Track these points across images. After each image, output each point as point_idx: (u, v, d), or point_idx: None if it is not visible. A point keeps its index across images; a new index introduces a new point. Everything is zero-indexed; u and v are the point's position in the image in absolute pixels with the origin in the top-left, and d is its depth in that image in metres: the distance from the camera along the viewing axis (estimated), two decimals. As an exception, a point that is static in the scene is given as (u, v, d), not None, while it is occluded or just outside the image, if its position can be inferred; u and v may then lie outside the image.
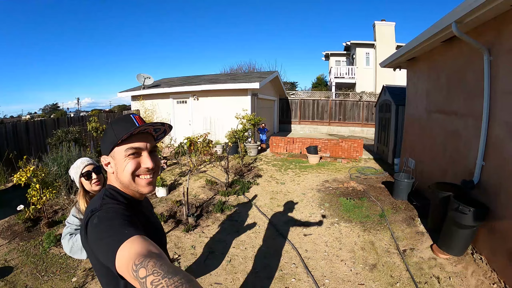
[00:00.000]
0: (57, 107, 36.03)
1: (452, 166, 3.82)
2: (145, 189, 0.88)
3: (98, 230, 0.72)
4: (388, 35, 17.79)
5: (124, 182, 0.87)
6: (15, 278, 2.69)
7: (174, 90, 10.12)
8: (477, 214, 2.79)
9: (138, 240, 0.65)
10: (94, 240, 0.72)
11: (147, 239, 0.66)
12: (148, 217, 0.97)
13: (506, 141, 2.71)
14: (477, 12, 2.68)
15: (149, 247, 0.63)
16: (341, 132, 15.12)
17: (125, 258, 0.61)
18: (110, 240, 0.67)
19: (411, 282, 2.63)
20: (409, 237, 3.46)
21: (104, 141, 0.89)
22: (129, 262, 0.59)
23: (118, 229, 0.69)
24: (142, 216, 0.92)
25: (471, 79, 3.39)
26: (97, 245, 0.71)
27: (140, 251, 0.61)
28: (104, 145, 0.88)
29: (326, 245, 3.32)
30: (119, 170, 0.86)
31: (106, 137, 0.88)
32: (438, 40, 3.80)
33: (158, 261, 0.57)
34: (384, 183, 5.64)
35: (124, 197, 0.88)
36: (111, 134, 0.85)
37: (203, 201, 4.69)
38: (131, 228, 0.69)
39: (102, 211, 0.77)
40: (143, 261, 0.57)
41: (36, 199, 3.63)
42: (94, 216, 0.76)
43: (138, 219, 0.84)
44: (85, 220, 0.78)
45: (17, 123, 6.58)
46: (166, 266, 0.55)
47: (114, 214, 0.75)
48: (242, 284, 2.62)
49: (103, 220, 0.73)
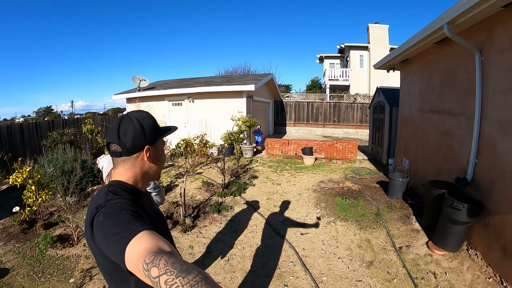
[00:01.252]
0: (51, 110, 35.51)
1: (445, 164, 3.89)
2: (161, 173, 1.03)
3: (104, 227, 0.70)
4: (381, 38, 18.05)
5: (159, 169, 0.98)
6: (11, 280, 2.66)
7: (170, 92, 10.10)
8: (471, 210, 2.85)
9: (146, 235, 0.63)
10: (101, 237, 0.71)
11: (155, 234, 0.65)
12: (150, 207, 0.99)
13: (498, 138, 2.78)
14: (468, 13, 2.77)
15: (158, 243, 0.61)
16: (335, 133, 15.24)
17: (135, 255, 0.59)
18: (118, 237, 0.65)
19: (408, 278, 2.66)
20: (404, 235, 3.51)
21: (148, 132, 0.90)
22: (139, 260, 0.57)
23: (125, 225, 0.68)
24: (147, 205, 0.95)
25: (463, 79, 3.48)
26: (104, 242, 0.69)
27: (150, 247, 0.59)
28: (146, 135, 0.90)
29: (323, 244, 3.34)
30: (161, 157, 0.97)
31: (149, 128, 0.90)
32: (430, 41, 3.89)
33: (169, 259, 0.55)
34: (379, 182, 5.71)
35: (129, 190, 0.88)
36: (156, 125, 0.94)
37: (200, 202, 4.68)
38: (138, 223, 0.68)
39: (107, 207, 0.76)
40: (154, 259, 0.55)
41: (32, 200, 3.59)
42: (99, 213, 0.74)
43: (143, 210, 0.85)
44: (90, 218, 0.76)
45: (12, 125, 6.49)
46: (178, 264, 0.54)
47: (119, 210, 0.74)
48: (241, 283, 2.63)
49: (108, 217, 0.72)
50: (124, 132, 0.86)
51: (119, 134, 0.86)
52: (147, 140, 0.89)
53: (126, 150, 0.87)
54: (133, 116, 0.89)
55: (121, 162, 0.89)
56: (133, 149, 0.88)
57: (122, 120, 0.89)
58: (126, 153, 0.88)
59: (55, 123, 7.34)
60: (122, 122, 0.88)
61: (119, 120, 0.89)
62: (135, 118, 0.89)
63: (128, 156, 0.88)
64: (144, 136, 0.88)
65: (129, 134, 0.86)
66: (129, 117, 0.89)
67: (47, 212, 4.18)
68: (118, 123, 0.88)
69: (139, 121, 0.89)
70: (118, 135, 0.86)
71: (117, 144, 0.87)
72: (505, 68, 2.67)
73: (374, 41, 18.17)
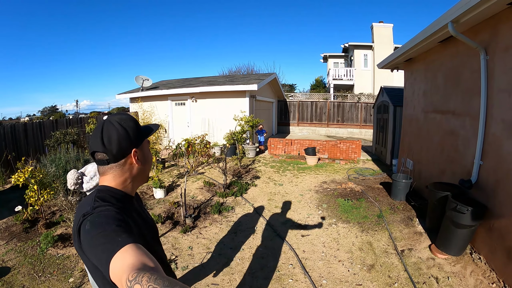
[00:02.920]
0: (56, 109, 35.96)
1: (450, 166, 3.82)
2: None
3: (90, 237, 0.69)
4: (386, 37, 17.87)
5: (148, 170, 0.96)
6: (12, 279, 2.68)
7: (173, 92, 10.12)
8: (475, 213, 2.78)
9: (131, 249, 0.63)
10: (87, 246, 0.70)
11: (140, 248, 0.65)
12: (140, 212, 0.96)
13: (503, 138, 2.70)
14: (473, 11, 2.70)
15: (142, 258, 0.61)
16: (339, 133, 15.13)
17: (119, 270, 0.59)
18: (103, 248, 0.65)
19: (409, 282, 2.61)
20: (407, 238, 3.45)
21: (132, 135, 0.86)
22: (122, 276, 0.57)
23: (111, 236, 0.67)
24: (135, 213, 0.91)
25: (467, 78, 3.40)
26: (90, 251, 0.69)
27: (133, 263, 0.59)
28: (132, 138, 0.86)
29: (323, 246, 3.30)
30: (148, 158, 0.95)
31: (133, 130, 0.87)
32: (434, 40, 3.81)
33: (152, 275, 0.55)
34: (382, 184, 5.63)
35: (119, 196, 0.86)
36: (138, 127, 0.90)
37: (201, 203, 4.67)
38: (124, 235, 0.67)
39: (93, 215, 0.74)
40: (137, 276, 0.55)
41: (34, 200, 3.61)
42: (86, 221, 0.73)
43: (131, 219, 0.83)
44: (77, 225, 0.75)
45: (16, 125, 6.54)
46: (161, 280, 0.53)
47: (105, 219, 0.73)
48: (239, 284, 2.60)
49: (95, 226, 0.71)
50: (108, 138, 0.83)
51: (103, 142, 0.82)
52: (133, 143, 0.87)
53: (113, 157, 0.84)
54: (114, 120, 0.85)
55: (109, 169, 0.86)
56: (120, 155, 0.85)
57: (103, 126, 0.84)
58: (113, 160, 0.85)
59: (59, 122, 7.39)
60: (104, 129, 0.83)
61: (100, 126, 0.84)
62: (116, 122, 0.85)
63: (115, 162, 0.85)
64: (130, 140, 0.85)
65: (114, 140, 0.83)
66: (110, 121, 0.85)
67: (49, 212, 4.21)
68: (100, 130, 0.84)
69: (122, 124, 0.85)
70: (102, 142, 0.82)
71: (103, 152, 0.83)
72: (510, 66, 2.60)
73: (378, 40, 18.01)
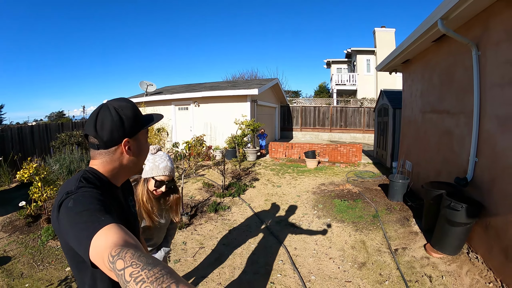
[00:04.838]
0: (63, 114, 36.44)
1: (446, 165, 3.78)
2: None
3: (72, 214, 0.67)
4: (388, 42, 17.87)
5: (141, 162, 0.93)
6: (12, 267, 2.80)
7: (176, 97, 10.31)
8: (470, 211, 2.74)
9: (114, 228, 0.61)
10: (67, 223, 0.68)
11: (123, 228, 0.63)
12: (122, 204, 0.94)
13: (498, 135, 2.68)
14: (460, 6, 2.71)
15: (125, 236, 0.60)
16: (342, 138, 15.05)
17: (101, 247, 0.57)
18: (85, 226, 0.63)
19: (401, 281, 2.57)
20: (402, 237, 3.41)
21: (127, 124, 0.84)
22: (104, 252, 0.56)
23: (94, 215, 0.65)
24: (117, 203, 0.90)
25: (461, 76, 3.40)
26: (70, 229, 0.66)
27: (117, 240, 0.58)
28: (125, 127, 0.83)
29: (316, 244, 3.29)
30: (144, 150, 0.92)
31: (129, 119, 0.84)
32: (428, 39, 3.83)
33: (136, 252, 0.54)
34: (381, 185, 5.58)
35: (103, 181, 0.85)
36: (137, 116, 0.87)
37: (199, 202, 4.71)
38: (107, 215, 0.66)
39: (78, 194, 0.72)
40: (120, 251, 0.54)
41: (38, 196, 3.75)
42: (69, 199, 0.71)
43: (112, 205, 0.82)
44: (59, 202, 0.73)
45: (23, 127, 6.78)
46: (144, 258, 0.53)
47: (90, 199, 0.71)
48: (228, 278, 2.61)
49: (78, 204, 0.69)
50: (101, 124, 0.81)
51: (96, 126, 0.81)
52: (126, 133, 0.84)
53: (103, 144, 0.82)
54: (112, 106, 0.82)
55: (99, 155, 0.84)
56: (110, 142, 0.82)
57: (100, 110, 0.82)
58: (103, 147, 0.83)
59: (65, 125, 7.62)
60: (100, 113, 0.81)
61: (97, 110, 0.82)
62: (113, 109, 0.82)
63: (106, 149, 0.83)
64: (123, 129, 0.82)
65: (106, 127, 0.80)
66: (108, 107, 0.82)
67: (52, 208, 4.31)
68: (96, 113, 0.82)
69: (118, 112, 0.82)
70: (95, 127, 0.81)
71: (94, 137, 0.82)
72: (501, 60, 2.60)
73: (381, 45, 18.03)
